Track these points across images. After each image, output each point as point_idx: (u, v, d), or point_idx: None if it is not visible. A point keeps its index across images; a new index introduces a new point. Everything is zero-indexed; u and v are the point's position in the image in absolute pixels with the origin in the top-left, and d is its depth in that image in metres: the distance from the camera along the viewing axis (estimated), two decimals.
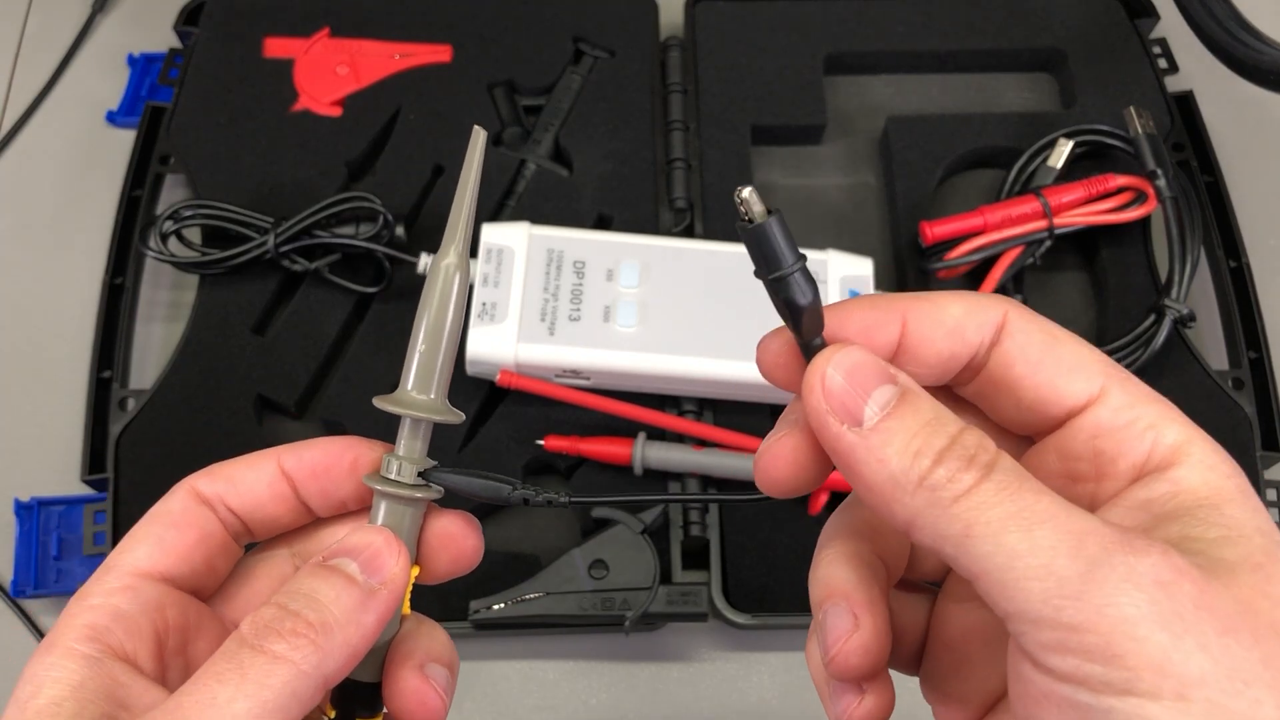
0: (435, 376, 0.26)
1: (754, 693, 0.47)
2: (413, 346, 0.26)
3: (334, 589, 0.24)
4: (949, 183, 0.58)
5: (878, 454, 0.21)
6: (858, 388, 0.22)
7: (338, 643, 0.23)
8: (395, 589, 0.25)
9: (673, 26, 0.62)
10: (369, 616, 0.24)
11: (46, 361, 0.54)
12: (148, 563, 0.25)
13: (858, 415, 0.21)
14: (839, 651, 0.24)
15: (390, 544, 0.25)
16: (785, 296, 0.22)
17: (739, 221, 0.22)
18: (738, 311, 0.49)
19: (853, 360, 0.22)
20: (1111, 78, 0.59)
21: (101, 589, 0.25)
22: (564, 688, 0.47)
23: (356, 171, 0.57)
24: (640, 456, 0.48)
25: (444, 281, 0.26)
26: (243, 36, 0.60)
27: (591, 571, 0.46)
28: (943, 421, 0.21)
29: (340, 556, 0.25)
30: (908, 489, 0.21)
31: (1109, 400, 0.23)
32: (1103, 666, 0.18)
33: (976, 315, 0.23)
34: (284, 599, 0.24)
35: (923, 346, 0.23)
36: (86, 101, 0.62)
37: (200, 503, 0.27)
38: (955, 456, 0.20)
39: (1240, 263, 0.55)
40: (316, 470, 0.27)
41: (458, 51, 0.60)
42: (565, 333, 0.48)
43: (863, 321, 0.23)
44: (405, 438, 0.27)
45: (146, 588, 0.25)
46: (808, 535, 0.48)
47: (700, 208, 0.56)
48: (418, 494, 0.26)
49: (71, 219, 0.58)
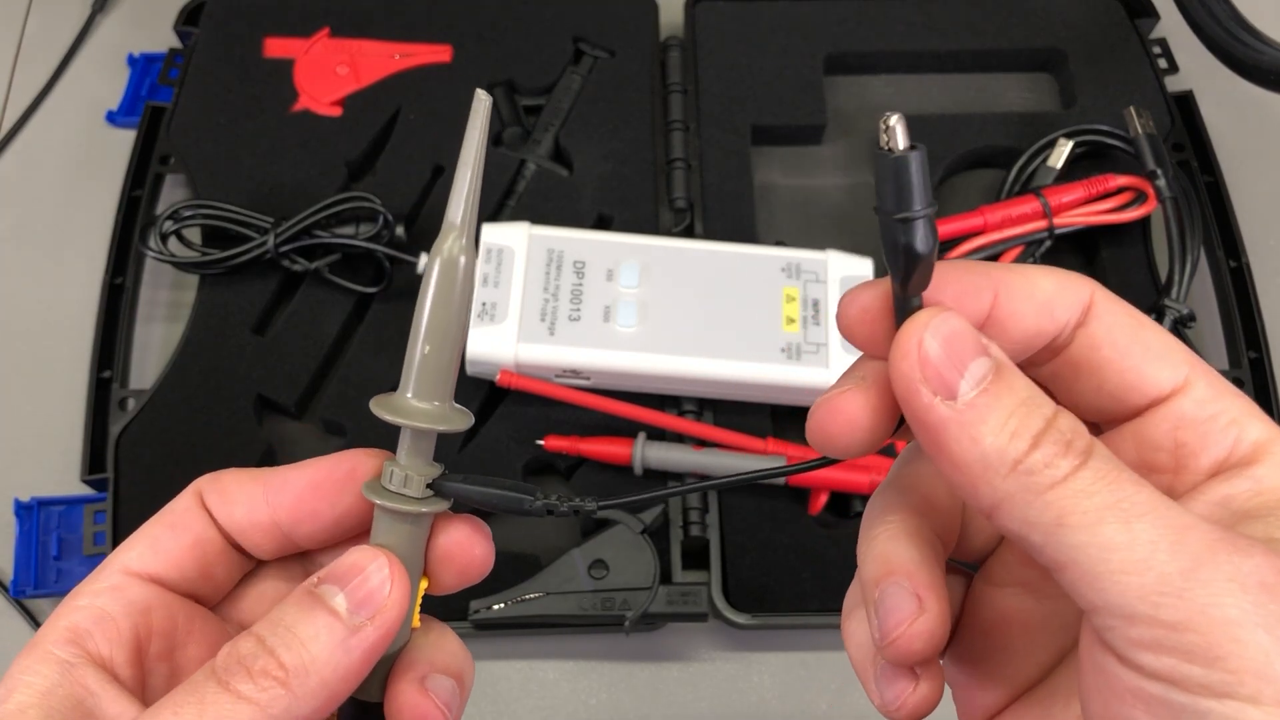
0: (440, 381, 0.23)
1: (754, 693, 0.47)
2: (413, 346, 0.23)
3: (314, 625, 0.22)
4: (949, 183, 0.58)
5: (971, 431, 0.20)
6: (954, 358, 0.20)
7: (312, 686, 0.22)
8: (386, 623, 0.23)
9: (673, 26, 0.62)
10: (351, 657, 0.22)
11: (46, 361, 0.54)
12: (138, 563, 0.25)
13: (953, 388, 0.20)
14: (902, 635, 0.22)
15: (383, 572, 0.23)
16: (908, 240, 0.20)
17: (878, 149, 0.20)
18: (738, 311, 0.49)
19: (951, 328, 0.20)
20: (1111, 78, 0.59)
21: (90, 589, 0.24)
22: (564, 688, 0.47)
23: (356, 171, 0.57)
24: (640, 456, 0.48)
25: (446, 272, 0.23)
26: (243, 36, 0.60)
27: (591, 571, 0.46)
28: (1038, 402, 0.20)
29: (327, 584, 0.23)
30: (1000, 471, 0.19)
31: (1193, 391, 0.22)
32: (1202, 668, 0.17)
33: (1067, 293, 0.22)
34: (264, 630, 0.22)
35: (1012, 320, 0.22)
36: (86, 101, 0.62)
37: (202, 506, 0.26)
38: (1052, 440, 0.19)
39: (1240, 263, 0.55)
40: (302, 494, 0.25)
41: (458, 51, 0.60)
42: (565, 333, 0.48)
43: (958, 286, 0.22)
44: (407, 447, 0.24)
45: (133, 588, 0.25)
46: (808, 535, 0.48)
47: (700, 208, 0.56)
48: (422, 508, 0.24)
49: (71, 219, 0.58)
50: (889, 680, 0.23)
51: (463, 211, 0.23)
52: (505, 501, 0.24)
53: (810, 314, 0.49)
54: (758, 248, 0.51)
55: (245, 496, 0.26)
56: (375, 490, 0.24)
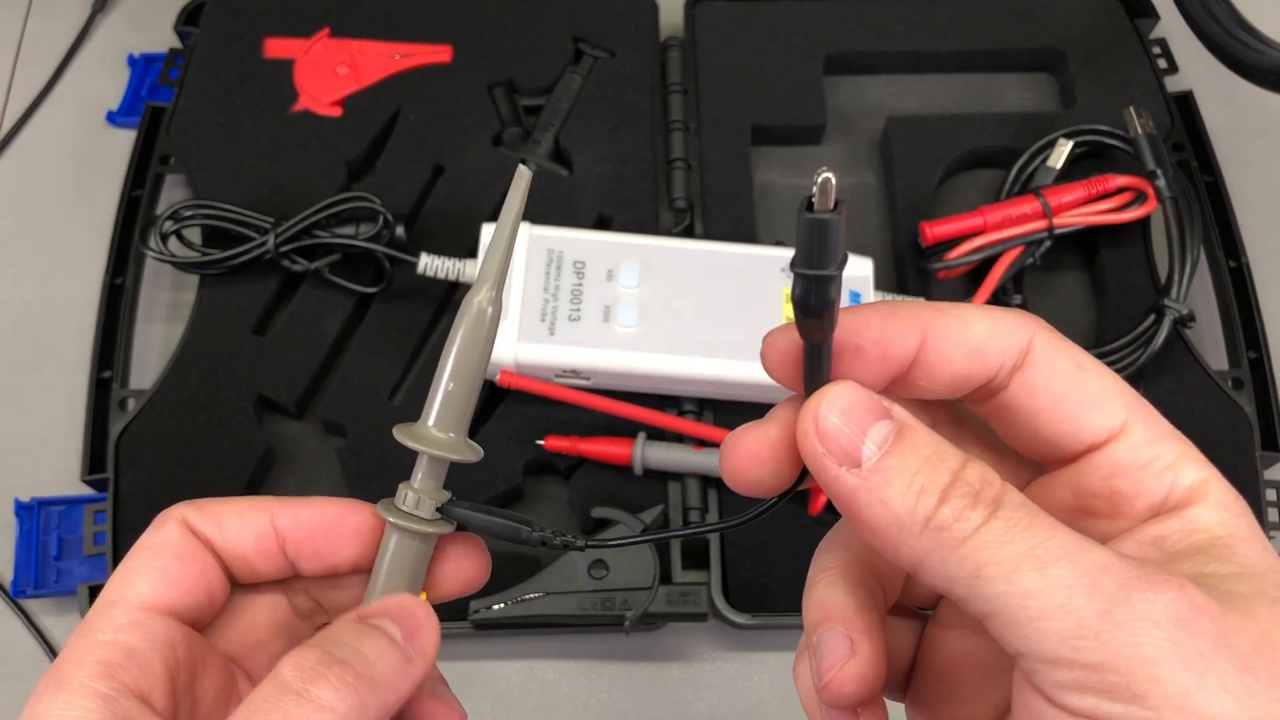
0: (459, 415, 0.26)
1: (754, 693, 0.47)
2: (438, 381, 0.26)
3: (378, 647, 0.24)
4: (949, 183, 0.58)
5: (879, 495, 0.20)
6: (854, 427, 0.21)
7: (377, 701, 0.23)
8: (429, 660, 0.25)
9: (673, 26, 0.62)
10: (407, 683, 0.24)
11: (46, 361, 0.54)
12: (153, 596, 0.25)
13: (855, 456, 0.21)
14: (834, 678, 0.23)
15: (429, 616, 0.25)
16: (818, 296, 0.21)
17: (804, 209, 0.20)
18: (738, 311, 0.49)
19: (846, 398, 0.21)
20: (1111, 78, 0.59)
21: (110, 624, 0.24)
22: (564, 688, 0.47)
23: (356, 171, 0.57)
24: (640, 456, 0.48)
25: (477, 320, 0.26)
26: (243, 36, 0.60)
27: (591, 571, 0.46)
28: (943, 456, 0.20)
29: (381, 618, 0.25)
30: (914, 531, 0.20)
31: (1129, 437, 0.22)
32: (1123, 705, 0.18)
33: (1001, 337, 0.22)
34: (328, 645, 0.23)
35: (940, 364, 0.22)
36: (86, 101, 0.62)
37: (194, 535, 0.26)
38: (960, 494, 0.20)
39: (1240, 263, 0.55)
40: (314, 533, 0.26)
41: (458, 51, 0.60)
42: (565, 333, 0.48)
43: (881, 330, 0.22)
44: (423, 472, 0.26)
45: (155, 623, 0.24)
46: (807, 535, 0.48)
47: (700, 208, 0.56)
48: (430, 529, 0.26)
49: (71, 219, 0.58)
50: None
51: (496, 269, 0.26)
52: (504, 530, 0.26)
53: None
54: (758, 248, 0.51)
55: (247, 523, 0.26)
56: (389, 510, 0.26)
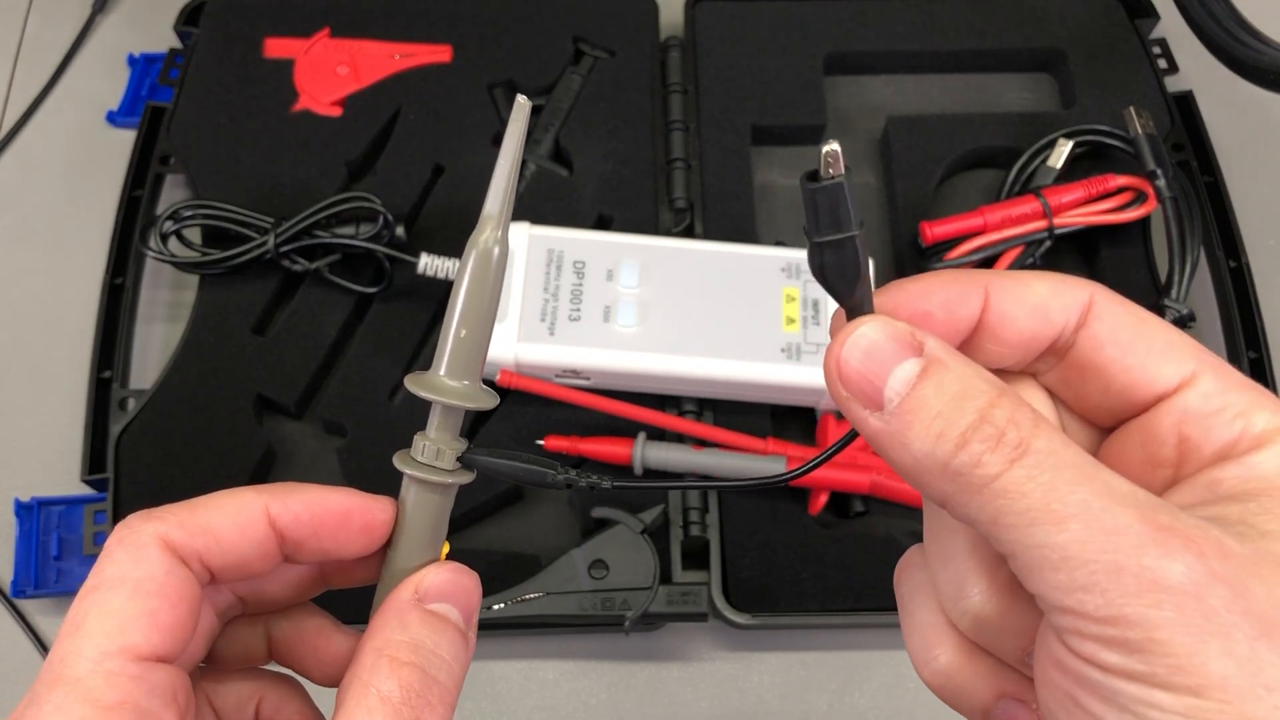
0: (471, 362, 0.25)
1: (754, 693, 0.47)
2: (447, 328, 0.25)
3: (452, 645, 0.24)
4: (949, 183, 0.58)
5: (899, 439, 0.20)
6: (875, 369, 0.20)
7: (455, 701, 0.24)
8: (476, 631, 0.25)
9: (673, 26, 0.62)
10: (467, 668, 0.24)
11: (46, 361, 0.54)
12: (148, 647, 0.22)
13: (877, 400, 0.20)
14: None
15: (476, 583, 0.25)
16: (843, 262, 0.21)
17: (809, 178, 0.20)
18: (738, 311, 0.49)
19: (868, 339, 0.21)
20: (1111, 78, 0.59)
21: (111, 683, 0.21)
22: (564, 688, 0.47)
23: (356, 171, 0.57)
24: (640, 456, 0.48)
25: (483, 261, 0.24)
26: (243, 36, 0.60)
27: (591, 571, 0.46)
28: (970, 393, 0.20)
29: (439, 601, 0.25)
30: (934, 473, 0.20)
31: (1200, 385, 0.22)
32: (1122, 657, 0.18)
33: (1062, 295, 0.22)
34: (418, 659, 0.23)
35: (1004, 324, 0.22)
36: (86, 101, 0.62)
37: (179, 562, 0.23)
38: (981, 437, 0.19)
39: (1240, 263, 0.55)
40: (320, 530, 0.25)
41: (458, 51, 0.60)
42: (565, 333, 0.48)
43: (944, 295, 0.22)
44: (438, 422, 0.25)
45: (156, 675, 0.22)
46: (808, 535, 0.48)
47: (700, 208, 0.55)
48: (451, 479, 0.25)
49: (71, 219, 0.58)
50: None
51: (499, 206, 0.24)
52: (528, 474, 0.26)
53: (810, 314, 0.49)
54: (758, 248, 0.51)
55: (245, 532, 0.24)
56: (407, 462, 0.26)
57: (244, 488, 0.25)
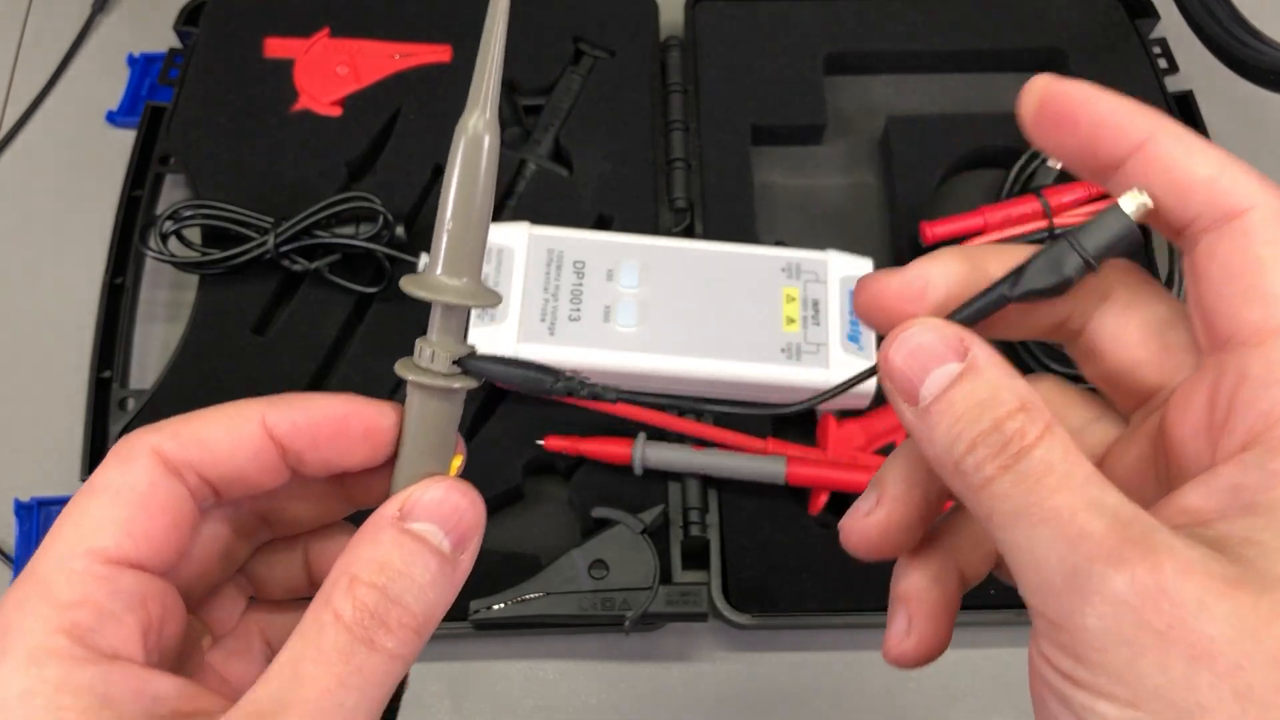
0: (467, 258, 0.24)
1: (754, 693, 0.47)
2: (440, 224, 0.23)
3: (427, 568, 0.22)
4: (949, 183, 0.58)
5: (926, 435, 0.22)
6: (917, 368, 0.22)
7: (430, 630, 0.22)
8: (475, 553, 0.23)
9: (673, 26, 0.62)
10: (452, 595, 0.23)
11: (46, 361, 0.54)
12: (117, 550, 0.22)
13: (914, 396, 0.22)
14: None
15: (473, 506, 0.23)
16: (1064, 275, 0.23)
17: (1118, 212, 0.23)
18: (738, 311, 0.49)
19: (916, 341, 0.22)
20: (1111, 78, 0.59)
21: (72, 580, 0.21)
22: (564, 688, 0.47)
23: (356, 171, 0.57)
24: (640, 456, 0.48)
25: (471, 148, 0.23)
26: (243, 36, 0.60)
27: (591, 571, 0.46)
28: (993, 403, 0.21)
29: (422, 520, 0.23)
30: (948, 470, 0.21)
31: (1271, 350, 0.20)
32: (1071, 662, 0.19)
33: (1227, 182, 0.23)
34: (382, 579, 0.22)
35: (1159, 168, 0.24)
36: (86, 101, 0.62)
37: (169, 474, 0.23)
38: (988, 443, 0.20)
39: None
40: (319, 439, 0.24)
41: (458, 51, 0.60)
42: (565, 333, 0.48)
43: (1113, 114, 0.25)
44: (438, 325, 0.24)
45: (123, 578, 0.22)
46: (808, 535, 0.48)
47: (700, 208, 0.56)
48: (455, 384, 0.24)
49: (71, 219, 0.58)
50: None
51: (484, 89, 0.23)
52: (528, 381, 0.25)
53: (810, 314, 0.49)
54: (758, 248, 0.51)
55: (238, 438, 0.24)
56: (409, 368, 0.24)
57: (243, 400, 0.24)
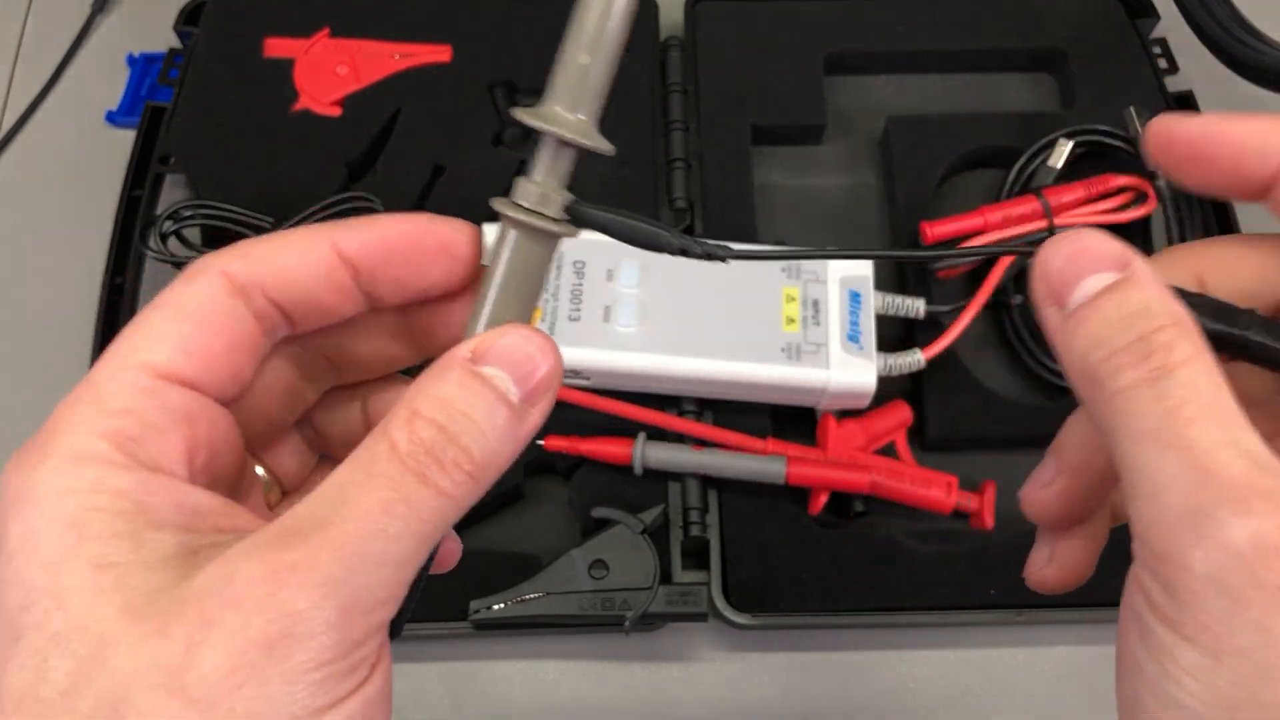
0: (592, 95, 0.21)
1: (754, 693, 0.47)
2: (568, 56, 0.21)
3: (491, 413, 0.21)
4: (949, 183, 0.58)
5: (1066, 339, 0.21)
6: (1072, 272, 0.21)
7: (490, 477, 0.21)
8: (546, 410, 0.22)
9: (673, 26, 0.62)
10: (517, 447, 0.21)
11: (47, 361, 0.54)
12: (169, 365, 0.21)
13: (1063, 299, 0.21)
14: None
15: (550, 357, 0.22)
16: None
17: None
18: (738, 311, 0.49)
19: (1076, 245, 0.22)
20: (1111, 78, 0.59)
21: (121, 390, 0.21)
22: (564, 688, 0.47)
23: (356, 171, 0.57)
24: (640, 456, 0.48)
25: None
26: (243, 36, 0.60)
27: (591, 571, 0.46)
28: (1144, 315, 0.20)
29: (492, 365, 0.21)
30: (1083, 377, 0.21)
31: None
32: (1164, 595, 0.18)
33: None
34: (440, 415, 0.20)
35: None
36: (86, 101, 0.62)
37: (233, 294, 0.22)
38: (1130, 353, 0.20)
39: None
40: (392, 256, 0.23)
41: (458, 51, 0.60)
42: (565, 333, 0.48)
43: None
44: (544, 162, 0.22)
45: (170, 394, 0.21)
46: (808, 535, 0.48)
47: (700, 208, 0.55)
48: (558, 228, 0.22)
49: (71, 219, 0.58)
50: None
51: None
52: (639, 233, 0.23)
53: (810, 314, 0.49)
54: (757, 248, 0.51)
55: (308, 258, 0.22)
56: (508, 205, 0.22)
57: (313, 225, 0.23)
